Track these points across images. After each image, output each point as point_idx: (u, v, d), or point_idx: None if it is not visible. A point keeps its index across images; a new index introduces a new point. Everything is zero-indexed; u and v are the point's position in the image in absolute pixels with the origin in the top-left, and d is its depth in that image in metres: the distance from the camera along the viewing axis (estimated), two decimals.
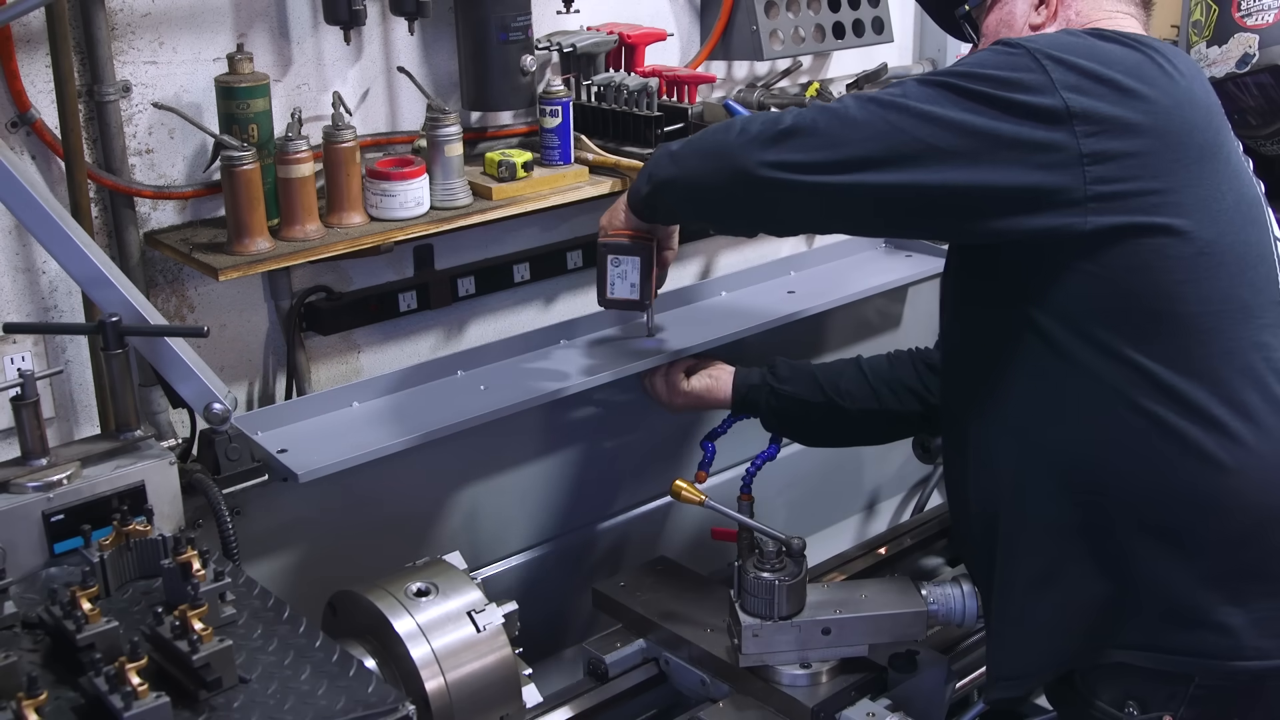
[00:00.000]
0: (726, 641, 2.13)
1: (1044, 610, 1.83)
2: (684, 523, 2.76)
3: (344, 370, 2.60)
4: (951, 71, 1.74)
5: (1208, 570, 1.72)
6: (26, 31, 2.11)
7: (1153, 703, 1.77)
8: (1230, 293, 1.72)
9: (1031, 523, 1.83)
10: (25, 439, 1.79)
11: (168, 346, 1.85)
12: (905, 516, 3.25)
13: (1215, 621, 1.72)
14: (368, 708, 1.49)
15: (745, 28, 2.89)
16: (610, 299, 2.20)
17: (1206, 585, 1.72)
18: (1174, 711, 1.75)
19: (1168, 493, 1.72)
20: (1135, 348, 1.71)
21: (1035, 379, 1.79)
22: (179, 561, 1.63)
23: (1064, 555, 1.79)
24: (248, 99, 2.22)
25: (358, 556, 2.21)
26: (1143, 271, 1.70)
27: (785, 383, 2.38)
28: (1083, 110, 1.67)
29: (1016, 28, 1.93)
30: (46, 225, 1.82)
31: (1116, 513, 1.75)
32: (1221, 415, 1.70)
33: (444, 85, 2.59)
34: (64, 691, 1.51)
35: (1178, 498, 1.72)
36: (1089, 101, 1.67)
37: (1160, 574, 1.74)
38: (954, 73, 1.73)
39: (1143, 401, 1.71)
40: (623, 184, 2.59)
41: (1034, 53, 1.69)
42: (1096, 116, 1.67)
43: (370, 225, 2.35)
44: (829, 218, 1.93)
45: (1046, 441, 1.80)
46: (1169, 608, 1.74)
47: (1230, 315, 1.72)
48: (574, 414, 2.52)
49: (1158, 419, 1.71)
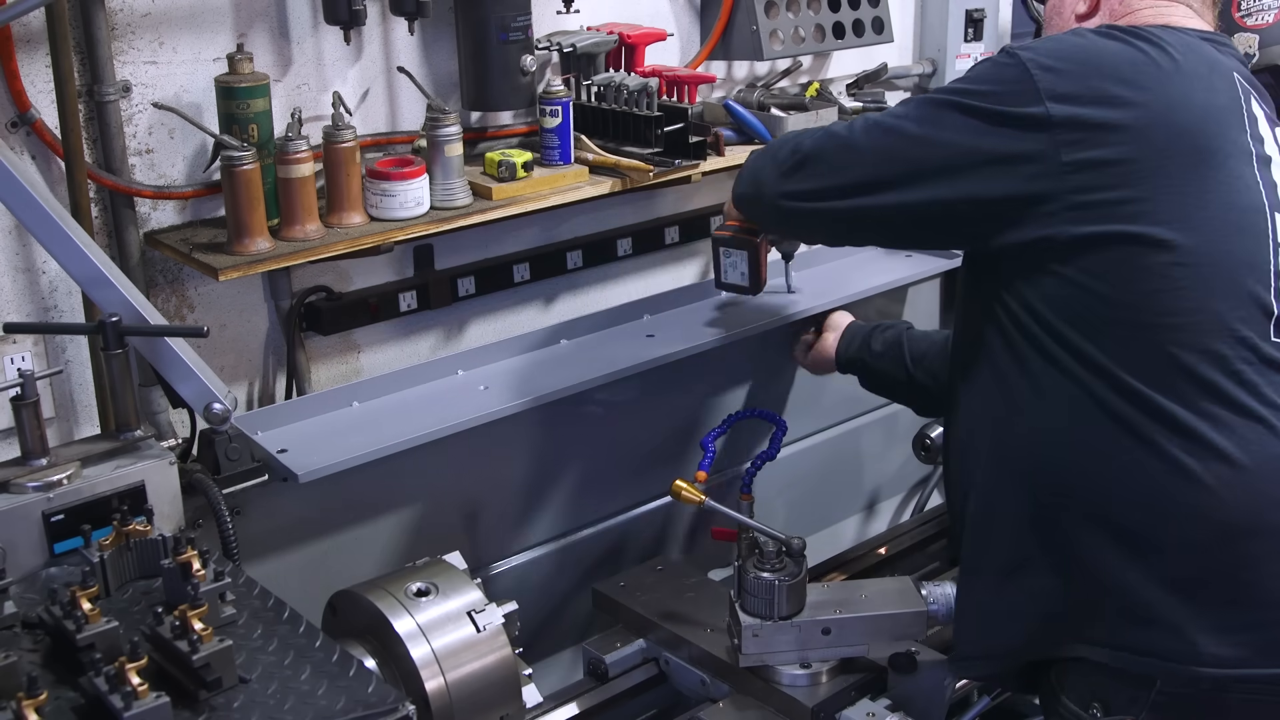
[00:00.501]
0: (726, 641, 2.13)
1: (1005, 599, 1.87)
2: (684, 523, 2.76)
3: (344, 370, 2.60)
4: (950, 88, 1.84)
5: (1165, 573, 1.72)
6: (26, 31, 2.11)
7: (1115, 705, 1.77)
8: (1203, 303, 1.71)
9: (999, 515, 1.87)
10: (25, 439, 1.79)
11: (168, 346, 1.85)
12: (905, 516, 3.26)
13: (1170, 623, 1.72)
14: (368, 708, 1.49)
15: (745, 28, 2.89)
16: (725, 284, 2.44)
17: (1163, 588, 1.72)
18: (1136, 715, 1.75)
19: (1130, 496, 1.73)
20: (1105, 353, 1.72)
21: (1011, 376, 1.83)
22: (179, 561, 1.63)
23: (1026, 548, 1.83)
24: (248, 99, 2.22)
25: (358, 556, 2.22)
26: (1116, 279, 1.72)
27: (877, 358, 2.50)
28: (1065, 118, 1.71)
29: (1065, 15, 2.01)
30: (46, 225, 1.82)
31: (1078, 511, 1.77)
32: (1189, 423, 1.70)
33: (444, 85, 2.59)
34: (64, 691, 1.51)
35: (1139, 501, 1.73)
36: (1072, 109, 1.71)
37: (1117, 574, 1.74)
38: (952, 89, 1.83)
39: (1111, 405, 1.72)
40: (623, 184, 2.59)
41: (1026, 63, 1.75)
42: (1079, 123, 1.71)
43: (370, 225, 2.35)
44: (850, 236, 2.13)
45: (1016, 438, 1.84)
46: (1124, 605, 1.75)
47: (1203, 326, 1.71)
48: (574, 414, 2.52)
49: (1125, 423, 1.72)
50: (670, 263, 3.07)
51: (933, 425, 2.61)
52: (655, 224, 2.99)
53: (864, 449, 3.18)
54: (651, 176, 2.57)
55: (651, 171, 2.57)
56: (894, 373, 2.47)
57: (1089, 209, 1.71)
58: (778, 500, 2.89)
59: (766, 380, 2.84)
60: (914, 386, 2.45)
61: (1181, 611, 1.71)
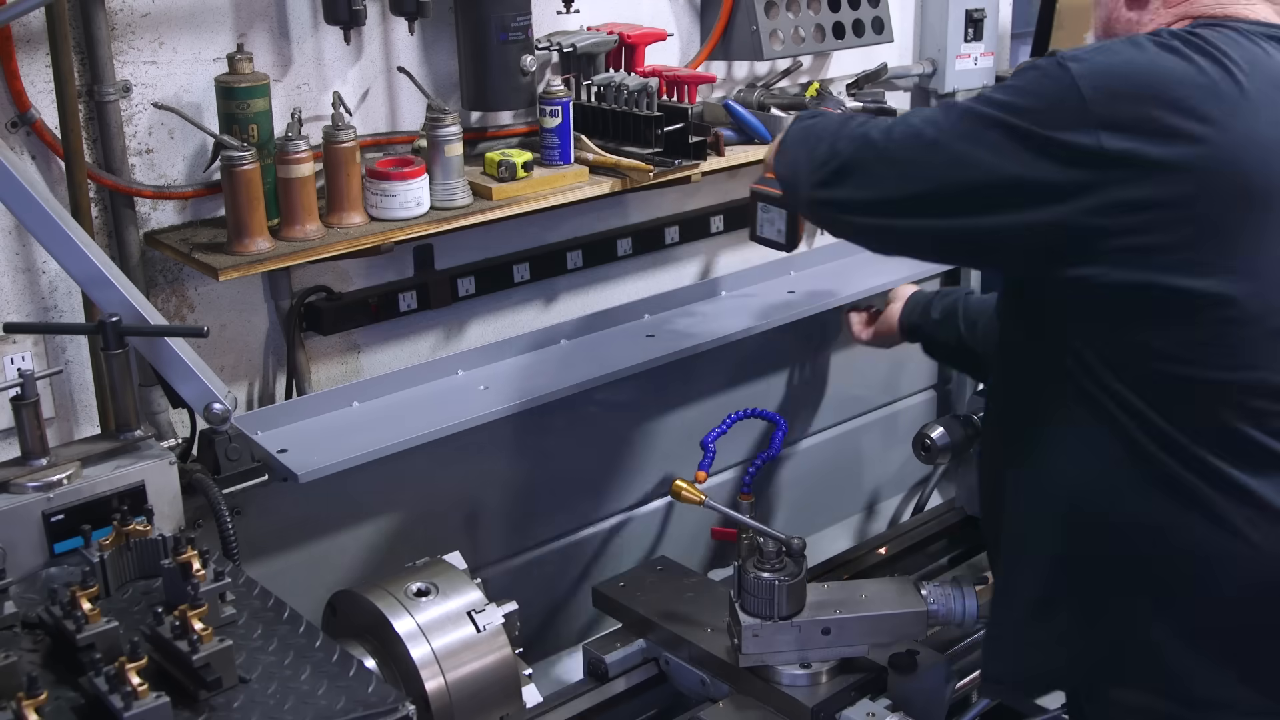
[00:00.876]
0: (726, 641, 2.13)
1: (1036, 632, 1.81)
2: (684, 523, 2.76)
3: (344, 370, 2.60)
4: (995, 100, 1.65)
5: (1198, 625, 1.68)
6: (26, 31, 2.11)
7: None
8: (1250, 359, 1.60)
9: (1030, 549, 1.81)
10: (25, 439, 1.79)
11: (168, 346, 1.85)
12: (905, 516, 3.25)
13: (1206, 679, 1.68)
14: (368, 708, 1.49)
15: (745, 28, 2.89)
16: (760, 237, 2.40)
17: (1196, 640, 1.68)
18: None
19: (1167, 547, 1.67)
20: (1147, 402, 1.63)
21: (1051, 410, 1.74)
22: (179, 561, 1.63)
23: (1056, 587, 1.77)
24: (248, 99, 2.22)
25: (358, 556, 2.22)
26: (1160, 330, 1.61)
27: (936, 326, 2.50)
28: (1119, 154, 1.55)
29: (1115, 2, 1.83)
30: (46, 225, 1.82)
31: (1111, 556, 1.71)
32: (1233, 476, 1.62)
33: (444, 85, 2.59)
34: (64, 691, 1.51)
35: (1176, 552, 1.66)
36: (1127, 143, 1.55)
37: (1147, 623, 1.70)
38: (996, 101, 1.64)
39: (1151, 454, 1.64)
40: (623, 184, 2.59)
41: (1077, 79, 1.57)
42: (1133, 160, 1.55)
43: (370, 225, 2.35)
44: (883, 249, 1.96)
45: (1052, 474, 1.76)
46: (1155, 655, 1.70)
47: (1248, 382, 1.61)
48: (574, 413, 2.52)
49: (1165, 472, 1.64)
50: (670, 263, 3.07)
51: (933, 425, 2.60)
52: (655, 224, 2.99)
53: (864, 449, 3.18)
54: (651, 176, 2.57)
55: (651, 171, 2.56)
56: (950, 339, 2.46)
57: (1135, 253, 1.57)
58: (778, 500, 2.89)
59: (766, 380, 2.85)
60: (967, 353, 2.44)
61: (1219, 668, 1.67)
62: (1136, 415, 1.64)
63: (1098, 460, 1.69)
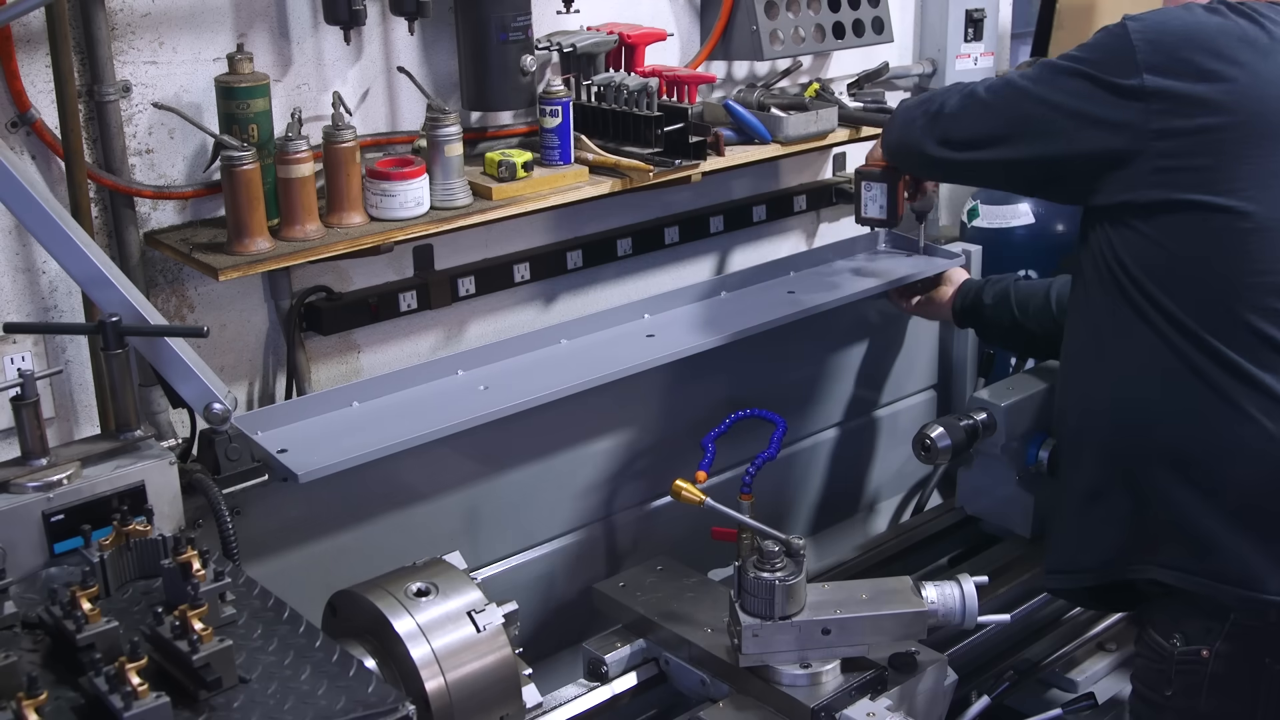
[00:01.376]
0: (726, 641, 2.13)
1: (1089, 519, 2.08)
2: (684, 523, 2.76)
3: (344, 370, 2.60)
4: (1071, 54, 2.05)
5: (1228, 507, 1.91)
6: (26, 31, 2.11)
7: (1193, 636, 1.98)
8: (1270, 265, 1.89)
9: (1086, 443, 2.10)
10: (25, 439, 1.79)
11: (168, 346, 1.85)
12: (905, 516, 3.25)
13: (1234, 553, 1.90)
14: (368, 708, 1.49)
15: (745, 28, 2.89)
16: (864, 217, 2.66)
17: (1227, 521, 1.91)
18: (1211, 645, 1.95)
19: (1198, 435, 1.93)
20: (1178, 304, 1.93)
21: (1102, 318, 2.05)
22: (179, 561, 1.63)
23: (1107, 475, 2.04)
24: (248, 99, 2.22)
25: (358, 556, 2.21)
26: (1188, 239, 1.92)
27: (989, 310, 2.72)
28: (1158, 89, 1.91)
29: None
30: (46, 225, 1.82)
31: (1151, 446, 1.98)
32: (1251, 372, 1.88)
33: (444, 85, 2.59)
34: (64, 691, 1.51)
35: (1205, 440, 1.93)
36: (1166, 81, 1.91)
37: (1185, 505, 1.94)
38: (1072, 55, 2.04)
39: (1182, 352, 1.93)
40: (623, 184, 2.59)
41: (1131, 34, 1.94)
42: (1170, 95, 1.91)
43: (370, 225, 2.35)
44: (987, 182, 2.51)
45: (1102, 375, 2.06)
46: (1192, 534, 1.94)
47: (1267, 286, 1.89)
48: (574, 414, 2.51)
49: (1195, 368, 1.92)
50: (670, 263, 3.07)
51: (933, 425, 2.60)
52: (655, 224, 2.99)
53: (864, 449, 3.18)
54: (651, 176, 2.57)
55: (651, 171, 2.57)
56: (1004, 320, 2.69)
57: (1171, 173, 1.92)
58: (778, 500, 2.89)
59: (766, 380, 2.84)
60: (1021, 332, 2.66)
61: (1245, 543, 1.91)
62: (1169, 317, 1.94)
63: (1139, 360, 1.99)
